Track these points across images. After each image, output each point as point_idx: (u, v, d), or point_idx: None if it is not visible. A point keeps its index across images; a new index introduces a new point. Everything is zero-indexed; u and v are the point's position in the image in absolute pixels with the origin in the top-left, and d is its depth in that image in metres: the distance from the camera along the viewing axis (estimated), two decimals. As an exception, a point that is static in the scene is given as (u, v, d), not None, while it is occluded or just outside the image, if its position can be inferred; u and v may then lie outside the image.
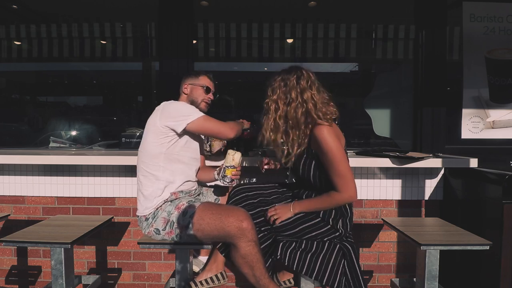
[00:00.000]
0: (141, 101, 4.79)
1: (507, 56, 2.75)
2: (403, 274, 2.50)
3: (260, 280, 1.69)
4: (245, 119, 2.20)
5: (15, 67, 4.15)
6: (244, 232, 1.65)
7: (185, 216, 1.73)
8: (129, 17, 3.62)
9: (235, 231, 1.65)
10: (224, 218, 1.67)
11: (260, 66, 4.27)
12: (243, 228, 1.64)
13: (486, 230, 1.99)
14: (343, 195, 1.63)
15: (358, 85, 4.28)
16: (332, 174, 1.62)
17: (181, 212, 1.75)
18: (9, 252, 2.52)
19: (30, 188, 2.46)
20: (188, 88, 2.02)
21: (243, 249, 1.66)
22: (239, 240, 1.65)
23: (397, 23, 3.41)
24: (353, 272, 1.68)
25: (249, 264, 1.67)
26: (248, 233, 1.65)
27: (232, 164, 1.84)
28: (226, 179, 1.85)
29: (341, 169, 1.60)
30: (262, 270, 1.69)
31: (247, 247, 1.66)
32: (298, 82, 1.65)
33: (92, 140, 3.19)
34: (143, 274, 2.51)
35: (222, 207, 1.78)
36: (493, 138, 2.77)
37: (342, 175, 1.60)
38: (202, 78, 2.04)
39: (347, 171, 1.61)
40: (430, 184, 2.47)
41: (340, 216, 1.74)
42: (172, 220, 1.75)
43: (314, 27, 3.59)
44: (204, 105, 2.03)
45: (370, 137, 3.21)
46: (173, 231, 1.75)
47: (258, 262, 1.68)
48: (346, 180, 1.61)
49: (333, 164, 1.59)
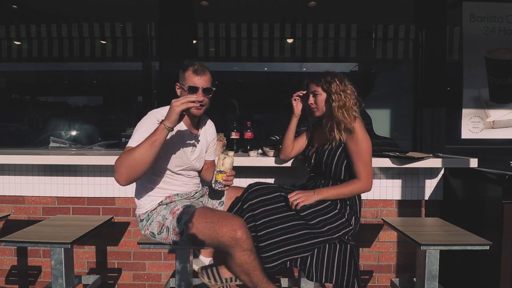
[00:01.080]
0: (141, 101, 4.80)
1: (507, 56, 2.75)
2: (403, 274, 2.50)
3: (259, 286, 1.67)
4: (248, 120, 2.15)
5: (15, 67, 4.15)
6: (239, 242, 1.58)
7: (179, 223, 1.69)
8: (129, 17, 3.62)
9: (229, 241, 1.59)
10: (218, 228, 1.60)
11: (260, 66, 4.28)
12: (237, 238, 1.58)
13: (486, 230, 1.99)
14: (363, 182, 1.78)
15: (358, 85, 4.27)
16: (358, 162, 1.79)
17: (176, 218, 1.71)
18: (9, 252, 2.52)
19: (30, 188, 2.46)
20: (179, 89, 1.79)
21: (238, 258, 1.62)
22: (234, 250, 1.60)
23: (397, 23, 3.41)
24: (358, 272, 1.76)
25: (245, 272, 1.65)
26: (243, 243, 1.59)
27: (222, 169, 1.73)
28: (218, 184, 1.75)
29: (367, 158, 1.79)
30: (260, 276, 1.66)
31: (242, 256, 1.61)
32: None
33: (92, 140, 3.19)
34: (143, 274, 2.51)
35: (217, 215, 1.68)
36: (493, 138, 2.77)
37: (367, 164, 1.79)
38: (187, 75, 1.73)
39: (371, 161, 1.82)
40: (430, 184, 2.47)
41: (353, 213, 1.83)
42: (167, 226, 1.72)
43: (314, 27, 3.60)
44: (193, 108, 1.68)
45: (370, 137, 3.20)
46: (168, 237, 1.72)
47: (255, 269, 1.64)
48: (369, 169, 1.80)
49: (361, 153, 1.78)
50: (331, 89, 1.83)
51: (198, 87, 1.71)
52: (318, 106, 1.89)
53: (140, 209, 1.80)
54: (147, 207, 1.79)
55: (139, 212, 1.81)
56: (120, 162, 1.52)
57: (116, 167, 1.53)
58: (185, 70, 1.75)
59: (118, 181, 1.54)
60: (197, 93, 1.71)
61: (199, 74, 1.73)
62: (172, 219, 1.71)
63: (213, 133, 2.04)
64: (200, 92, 1.72)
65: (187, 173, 1.87)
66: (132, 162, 1.51)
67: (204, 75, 1.74)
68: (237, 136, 2.49)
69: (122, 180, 1.53)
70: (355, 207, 1.83)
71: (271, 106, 4.34)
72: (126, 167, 1.51)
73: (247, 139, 2.50)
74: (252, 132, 2.51)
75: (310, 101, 1.91)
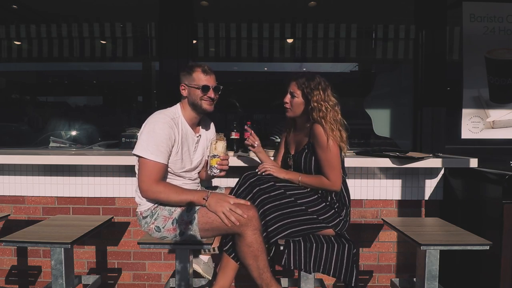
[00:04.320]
0: (141, 101, 4.80)
1: (507, 56, 2.75)
2: (403, 274, 2.50)
3: (263, 273, 1.71)
4: (248, 120, 2.17)
5: (15, 67, 4.15)
6: (252, 220, 1.66)
7: (189, 212, 1.73)
8: (129, 17, 3.62)
9: (242, 220, 1.66)
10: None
11: (260, 66, 4.28)
12: (250, 216, 1.66)
13: (486, 230, 1.99)
14: (332, 183, 1.82)
15: (358, 85, 4.28)
16: (326, 167, 1.81)
17: (186, 208, 1.75)
18: (9, 252, 2.52)
19: (30, 188, 2.46)
20: (186, 90, 1.85)
21: (249, 237, 1.67)
22: (246, 228, 1.67)
23: (397, 23, 3.41)
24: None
25: (254, 253, 1.68)
26: (255, 221, 1.68)
27: (215, 154, 1.79)
28: (213, 169, 1.80)
29: (336, 163, 1.80)
30: (265, 263, 1.71)
31: (253, 235, 1.67)
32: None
33: (92, 140, 3.18)
34: (143, 274, 2.51)
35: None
36: (493, 138, 2.77)
37: (336, 168, 1.81)
38: (196, 75, 1.81)
39: (339, 164, 1.82)
40: (430, 184, 2.47)
41: (342, 206, 1.88)
42: (174, 218, 1.74)
43: (314, 27, 3.59)
44: (207, 105, 1.83)
45: (370, 137, 3.21)
46: (176, 228, 1.74)
47: (262, 252, 1.70)
48: (338, 172, 1.82)
49: (329, 159, 1.80)
50: (312, 97, 1.81)
51: (209, 86, 1.82)
52: (292, 108, 1.88)
53: (142, 206, 1.81)
54: (149, 204, 1.80)
55: (140, 209, 1.82)
56: (154, 194, 1.72)
57: (148, 193, 1.72)
58: (192, 71, 1.83)
59: (145, 196, 1.76)
60: (209, 92, 1.82)
61: (209, 74, 1.84)
62: (181, 210, 1.75)
63: (213, 131, 2.08)
64: (212, 91, 1.83)
65: (188, 174, 1.91)
66: (162, 199, 1.74)
67: (212, 74, 1.86)
68: (237, 136, 2.49)
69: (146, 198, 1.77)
70: (343, 200, 1.88)
71: (271, 106, 4.35)
72: (158, 198, 1.74)
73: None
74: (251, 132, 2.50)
75: (286, 99, 1.89)
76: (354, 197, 2.45)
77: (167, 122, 1.75)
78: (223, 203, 1.69)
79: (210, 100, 1.83)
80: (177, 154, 1.79)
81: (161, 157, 1.70)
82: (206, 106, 1.83)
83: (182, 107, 1.88)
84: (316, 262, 1.77)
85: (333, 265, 1.77)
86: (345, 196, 1.89)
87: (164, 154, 1.71)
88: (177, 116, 1.84)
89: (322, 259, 1.77)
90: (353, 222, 2.46)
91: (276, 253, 1.87)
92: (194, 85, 1.81)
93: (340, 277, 1.77)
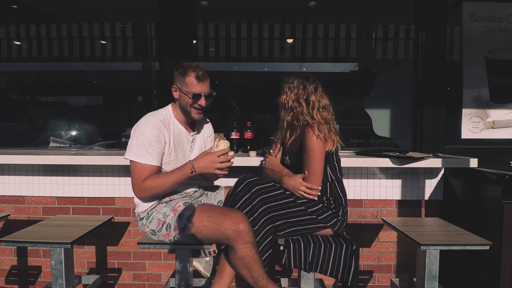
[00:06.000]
0: (141, 101, 4.79)
1: (507, 56, 2.75)
2: (403, 274, 2.50)
3: (259, 281, 1.70)
4: (248, 120, 2.16)
5: (15, 67, 4.14)
6: (241, 234, 1.64)
7: (181, 219, 1.72)
8: (129, 17, 3.62)
9: (232, 234, 1.64)
10: (221, 221, 1.66)
11: (260, 66, 4.27)
12: (240, 230, 1.64)
13: (486, 230, 1.99)
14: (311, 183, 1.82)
15: (358, 85, 4.28)
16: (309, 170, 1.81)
17: (178, 214, 1.74)
18: (9, 252, 2.52)
19: (30, 188, 2.46)
20: (177, 92, 1.80)
21: (240, 252, 1.66)
22: (236, 243, 1.65)
23: (397, 23, 3.41)
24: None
25: (246, 266, 1.68)
26: (245, 236, 1.65)
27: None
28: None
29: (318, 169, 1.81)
30: (260, 271, 1.69)
31: (244, 249, 1.65)
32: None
33: (92, 140, 3.18)
34: (143, 274, 2.51)
35: (219, 210, 1.76)
36: (493, 138, 2.77)
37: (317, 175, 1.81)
38: (189, 80, 1.75)
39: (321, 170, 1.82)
40: (430, 184, 2.47)
41: (339, 205, 1.88)
42: (168, 223, 1.74)
43: (314, 27, 3.59)
44: (195, 113, 1.79)
45: (370, 137, 3.21)
46: (170, 233, 1.75)
47: (255, 263, 1.67)
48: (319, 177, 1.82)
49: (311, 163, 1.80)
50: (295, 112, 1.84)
51: (201, 94, 1.77)
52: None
53: (140, 207, 1.81)
54: (146, 205, 1.80)
55: (138, 210, 1.82)
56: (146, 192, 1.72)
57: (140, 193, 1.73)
58: (185, 75, 1.77)
59: (140, 199, 1.79)
60: (200, 99, 1.77)
61: (202, 81, 1.77)
62: (174, 216, 1.74)
63: (210, 129, 2.05)
64: (203, 99, 1.78)
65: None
66: (156, 193, 1.74)
67: (206, 81, 1.80)
68: (237, 136, 2.49)
69: (142, 199, 1.78)
70: (339, 200, 1.89)
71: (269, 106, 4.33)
72: (152, 194, 1.74)
73: (247, 139, 2.50)
74: (252, 132, 2.51)
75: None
76: (354, 197, 2.45)
77: (155, 124, 1.74)
78: (210, 163, 1.71)
79: (200, 109, 1.79)
80: (170, 155, 1.79)
81: (150, 159, 1.70)
82: (194, 114, 1.80)
83: (174, 108, 1.86)
84: (314, 261, 1.78)
85: (331, 265, 1.78)
86: (341, 197, 1.90)
87: (154, 156, 1.71)
88: (168, 117, 1.82)
89: (320, 259, 1.78)
90: (353, 222, 2.46)
91: (276, 252, 1.87)
92: (186, 91, 1.77)
93: (338, 277, 1.78)
